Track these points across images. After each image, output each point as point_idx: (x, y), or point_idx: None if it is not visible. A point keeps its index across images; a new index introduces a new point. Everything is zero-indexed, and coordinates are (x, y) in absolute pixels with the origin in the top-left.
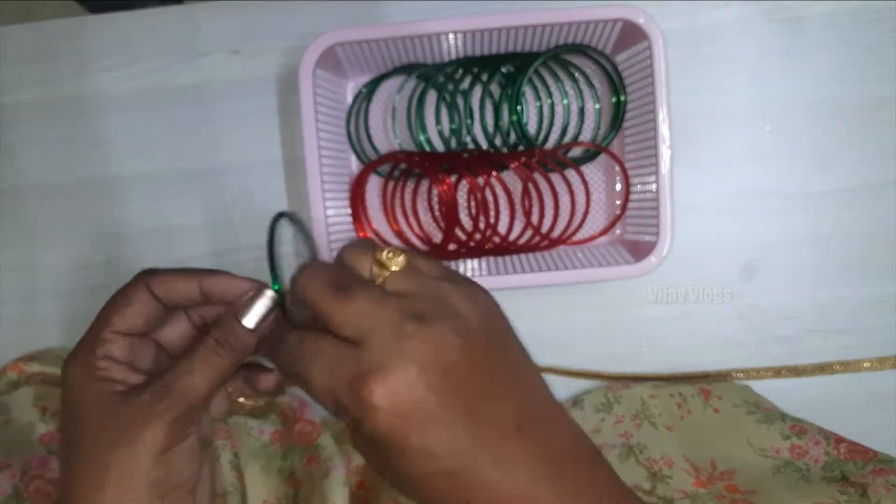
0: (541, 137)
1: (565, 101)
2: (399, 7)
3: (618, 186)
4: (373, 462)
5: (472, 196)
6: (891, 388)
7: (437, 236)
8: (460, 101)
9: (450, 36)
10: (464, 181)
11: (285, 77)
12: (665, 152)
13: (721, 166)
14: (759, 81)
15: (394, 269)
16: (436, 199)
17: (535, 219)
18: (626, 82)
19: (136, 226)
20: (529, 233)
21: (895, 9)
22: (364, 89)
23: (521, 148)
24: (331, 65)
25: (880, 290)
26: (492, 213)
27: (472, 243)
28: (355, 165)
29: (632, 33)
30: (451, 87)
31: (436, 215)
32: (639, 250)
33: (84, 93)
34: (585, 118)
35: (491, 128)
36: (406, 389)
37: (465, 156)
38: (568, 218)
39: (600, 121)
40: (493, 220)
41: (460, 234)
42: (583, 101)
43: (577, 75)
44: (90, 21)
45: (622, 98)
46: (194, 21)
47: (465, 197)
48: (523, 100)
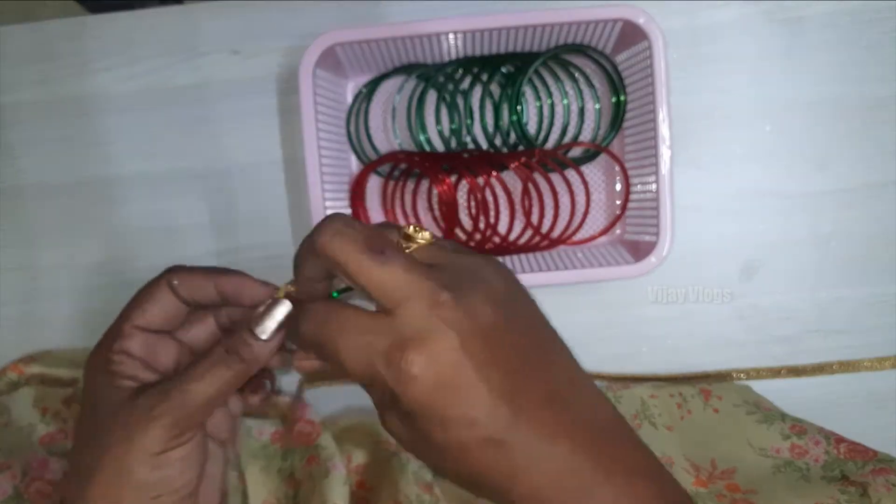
0: (541, 137)
1: (565, 101)
2: (399, 7)
3: (618, 186)
4: (407, 440)
5: (472, 196)
6: (891, 388)
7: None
8: (460, 101)
9: (450, 36)
10: (464, 181)
11: (285, 77)
12: (665, 152)
13: (721, 166)
14: (759, 81)
15: (421, 243)
16: (436, 199)
17: (535, 219)
18: (626, 82)
19: (136, 226)
20: (529, 233)
21: (895, 9)
22: (364, 89)
23: (521, 148)
24: (331, 65)
25: (880, 290)
26: (492, 213)
27: (472, 243)
28: (355, 165)
29: (632, 33)
30: (451, 87)
31: (436, 215)
32: (639, 250)
33: (84, 93)
34: (585, 118)
35: (491, 128)
36: (445, 358)
37: (465, 156)
38: (568, 218)
39: (600, 121)
40: (493, 220)
41: (460, 234)
42: (583, 101)
43: (577, 75)
44: (90, 21)
45: (622, 98)
46: (194, 21)
47: (465, 197)
48: (523, 100)
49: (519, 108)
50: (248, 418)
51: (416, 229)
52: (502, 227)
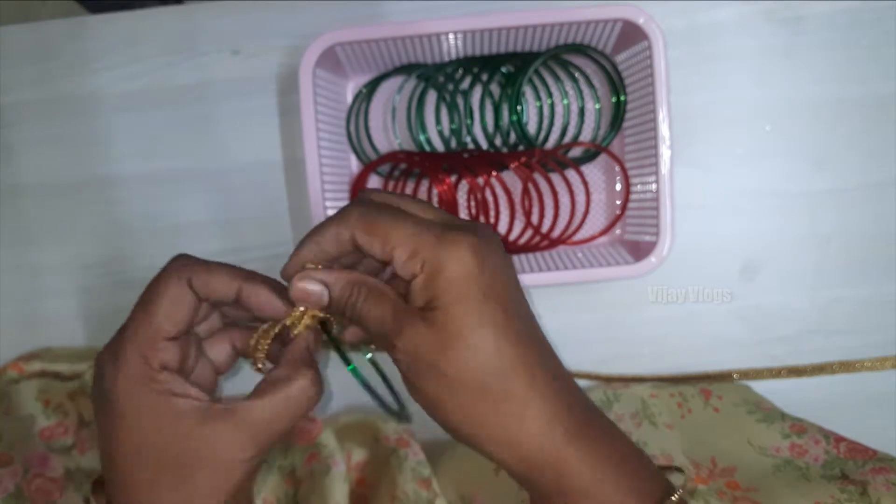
0: (541, 137)
1: (565, 101)
2: (399, 7)
3: (618, 186)
4: (427, 347)
5: (472, 196)
6: (891, 388)
7: None
8: (460, 101)
9: (450, 36)
10: (464, 181)
11: (285, 77)
12: (665, 152)
13: (721, 166)
14: (759, 81)
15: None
16: (436, 199)
17: (535, 219)
18: (626, 82)
19: (136, 226)
20: (529, 233)
21: (895, 9)
22: (364, 89)
23: (521, 148)
24: (331, 65)
25: (880, 290)
26: (492, 213)
27: None
28: (355, 165)
29: (632, 33)
30: (451, 87)
31: None
32: (639, 250)
33: (84, 92)
34: (585, 118)
35: (491, 128)
36: (488, 248)
37: (465, 156)
38: (568, 218)
39: (600, 121)
40: (493, 220)
41: None
42: (583, 101)
43: (577, 75)
44: (90, 21)
45: (622, 98)
46: (194, 21)
47: (465, 197)
48: (523, 100)
49: (519, 108)
50: None
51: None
52: (502, 227)
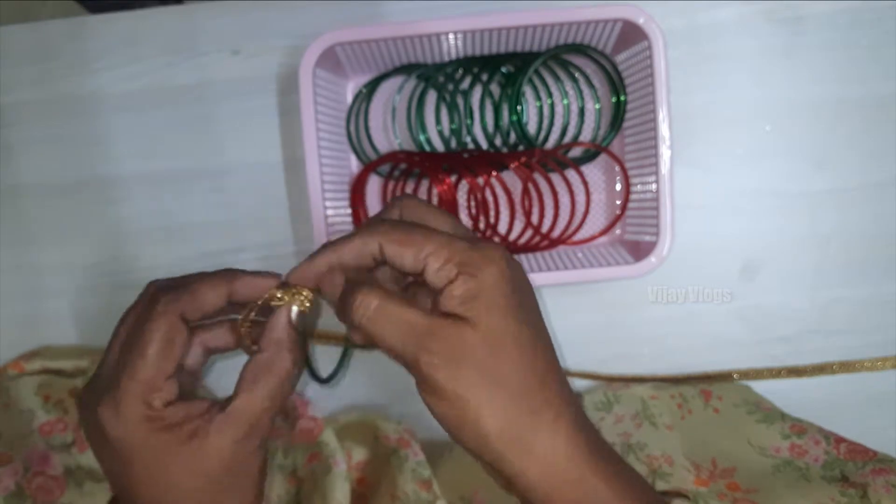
0: (541, 137)
1: (565, 101)
2: (399, 7)
3: (618, 186)
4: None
5: (472, 196)
6: (891, 388)
7: None
8: (460, 101)
9: (450, 36)
10: (464, 181)
11: (285, 77)
12: (665, 152)
13: (721, 166)
14: (759, 81)
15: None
16: (436, 199)
17: (535, 219)
18: (626, 82)
19: (136, 226)
20: (529, 233)
21: (895, 9)
22: (364, 89)
23: (521, 148)
24: (331, 65)
25: (880, 290)
26: (492, 213)
27: None
28: (355, 165)
29: (632, 33)
30: (451, 87)
31: None
32: (639, 250)
33: (84, 92)
34: (585, 118)
35: (491, 128)
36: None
37: (465, 156)
38: (568, 218)
39: (600, 121)
40: (493, 220)
41: None
42: (583, 101)
43: (577, 75)
44: (90, 21)
45: (622, 98)
46: (194, 21)
47: (465, 197)
48: (523, 100)
49: (519, 108)
50: None
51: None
52: (502, 227)
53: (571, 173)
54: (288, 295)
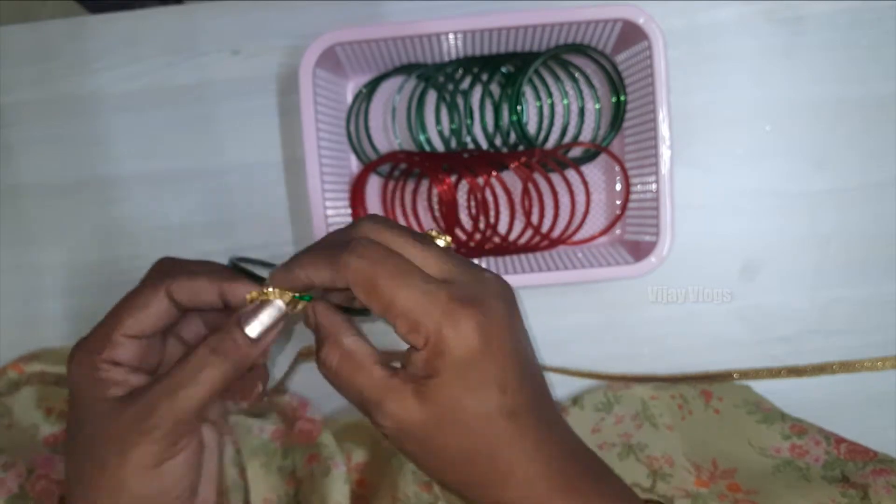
0: (541, 137)
1: (565, 101)
2: (399, 7)
3: (618, 186)
4: (416, 420)
5: (472, 196)
6: (891, 388)
7: None
8: (460, 101)
9: (450, 36)
10: (464, 181)
11: (285, 77)
12: (665, 152)
13: (721, 166)
14: (759, 81)
15: (441, 245)
16: (436, 199)
17: (535, 219)
18: (626, 82)
19: (136, 226)
20: (529, 233)
21: (895, 9)
22: (364, 89)
23: (521, 148)
24: (331, 65)
25: (880, 290)
26: (492, 213)
27: (472, 243)
28: (355, 165)
29: (632, 33)
30: (451, 87)
31: (436, 215)
32: (639, 250)
33: (84, 92)
34: (585, 118)
35: (491, 128)
36: (497, 318)
37: (465, 156)
38: (568, 218)
39: (600, 121)
40: (493, 220)
41: (460, 234)
42: (583, 101)
43: (577, 75)
44: (90, 21)
45: (622, 98)
46: (194, 21)
47: (465, 197)
48: (523, 100)
49: (519, 108)
50: (247, 417)
51: (433, 234)
52: (502, 227)
53: (571, 173)
54: (273, 295)
